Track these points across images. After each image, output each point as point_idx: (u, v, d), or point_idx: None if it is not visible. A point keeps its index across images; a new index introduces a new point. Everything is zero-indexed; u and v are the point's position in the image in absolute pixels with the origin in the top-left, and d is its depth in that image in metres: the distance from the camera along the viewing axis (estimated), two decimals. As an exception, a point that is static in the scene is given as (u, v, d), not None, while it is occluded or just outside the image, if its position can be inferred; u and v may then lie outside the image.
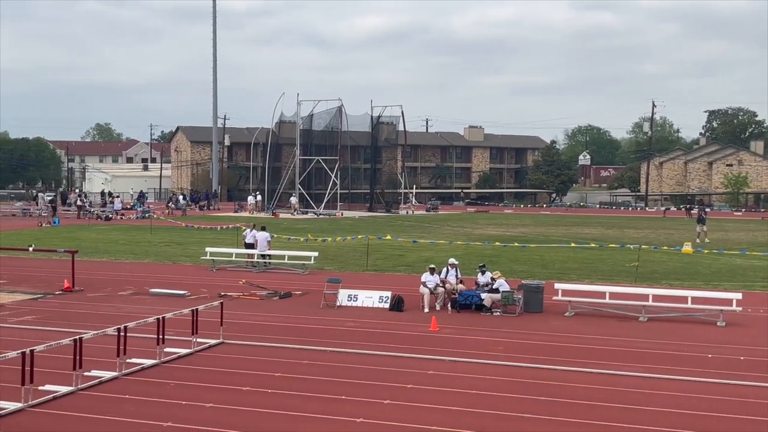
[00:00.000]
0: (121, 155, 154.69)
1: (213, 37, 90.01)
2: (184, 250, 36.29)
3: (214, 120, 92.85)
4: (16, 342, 16.48)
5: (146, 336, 16.28)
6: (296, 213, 67.18)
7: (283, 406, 12.72)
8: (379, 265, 31.28)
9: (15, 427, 11.50)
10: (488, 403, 13.11)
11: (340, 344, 17.35)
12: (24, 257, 32.38)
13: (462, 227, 54.32)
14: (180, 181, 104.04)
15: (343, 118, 72.11)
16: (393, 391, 13.70)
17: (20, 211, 63.84)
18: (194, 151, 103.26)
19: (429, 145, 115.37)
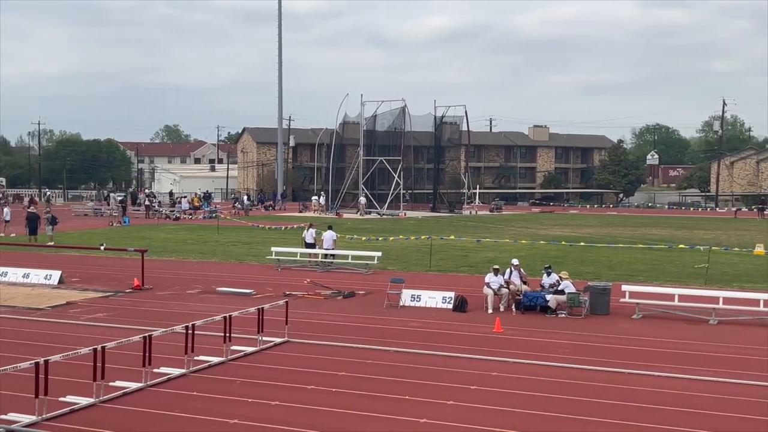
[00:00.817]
0: (189, 156, 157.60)
1: (278, 39, 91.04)
2: (250, 250, 36.78)
3: (279, 121, 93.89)
4: (88, 339, 16.95)
5: (213, 334, 16.55)
6: (360, 213, 67.45)
7: (348, 406, 12.79)
8: (443, 266, 31.21)
9: (87, 421, 11.81)
10: (554, 406, 12.96)
11: (404, 344, 17.37)
12: (96, 256, 33.25)
13: (526, 228, 53.82)
14: (246, 182, 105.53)
15: (407, 119, 72.18)
16: (456, 392, 13.66)
17: (92, 211, 65.57)
18: (260, 152, 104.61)
19: (493, 145, 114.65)
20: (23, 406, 12.10)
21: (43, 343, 16.85)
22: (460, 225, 55.47)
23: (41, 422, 11.57)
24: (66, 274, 26.40)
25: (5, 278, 26.30)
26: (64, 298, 23.00)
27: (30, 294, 23.69)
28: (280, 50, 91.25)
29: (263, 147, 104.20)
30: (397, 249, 36.86)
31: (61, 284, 25.40)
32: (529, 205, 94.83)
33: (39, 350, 15.59)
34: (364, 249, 32.91)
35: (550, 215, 72.78)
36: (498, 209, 76.84)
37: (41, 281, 25.67)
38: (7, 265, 27.70)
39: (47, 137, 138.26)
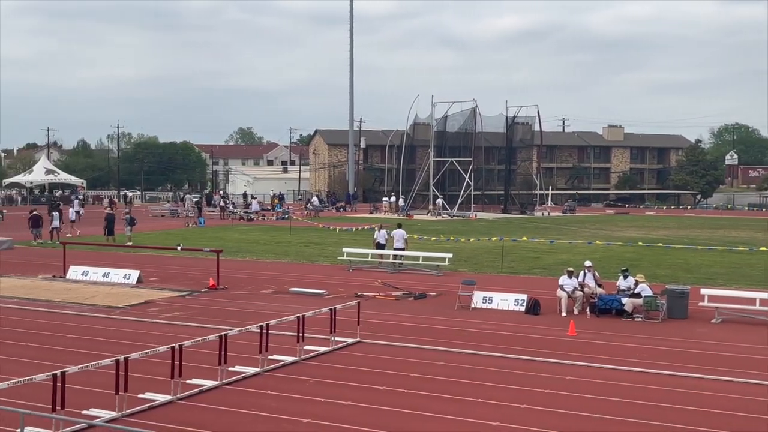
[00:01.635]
0: (262, 158, 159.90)
1: (350, 41, 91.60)
2: (322, 251, 37.09)
3: (350, 123, 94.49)
4: (166, 337, 17.33)
5: (286, 333, 16.73)
6: (430, 214, 67.35)
7: (420, 407, 12.77)
8: (515, 267, 30.92)
9: (165, 418, 12.07)
10: (630, 411, 12.70)
11: (476, 346, 17.26)
12: (172, 256, 33.99)
13: (601, 229, 52.92)
14: (317, 183, 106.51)
15: (478, 119, 71.80)
16: (530, 396, 13.50)
17: (168, 212, 67.07)
18: (331, 154, 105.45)
19: (566, 146, 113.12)
20: (104, 402, 12.44)
21: (123, 341, 17.30)
22: (532, 226, 54.88)
23: (121, 418, 11.86)
24: (144, 273, 27.05)
25: (86, 277, 27.11)
26: (142, 297, 23.58)
27: (110, 293, 24.36)
28: (351, 52, 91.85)
29: (334, 149, 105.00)
30: (468, 250, 36.68)
31: (140, 283, 26.04)
32: (603, 206, 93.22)
33: (119, 348, 16.02)
34: (435, 250, 32.85)
35: (625, 217, 71.42)
36: (571, 210, 75.78)
37: (120, 280, 26.37)
38: (88, 265, 28.54)
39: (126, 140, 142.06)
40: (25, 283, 26.21)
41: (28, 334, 18.23)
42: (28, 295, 23.78)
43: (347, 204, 79.08)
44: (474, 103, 71.69)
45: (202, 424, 11.86)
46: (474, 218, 64.90)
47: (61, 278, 27.29)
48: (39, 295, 23.81)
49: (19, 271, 29.00)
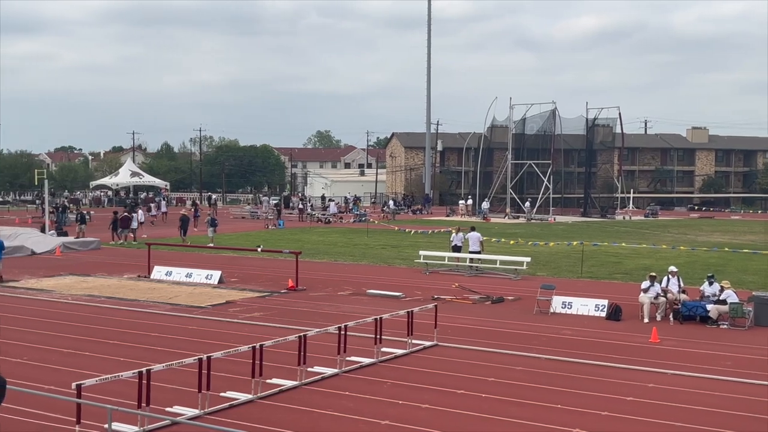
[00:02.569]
0: (339, 161, 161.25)
1: (427, 44, 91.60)
2: (399, 253, 37.17)
3: (427, 126, 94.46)
4: (247, 337, 17.64)
5: (364, 335, 16.84)
6: (507, 217, 66.77)
7: (498, 411, 12.68)
8: (595, 272, 30.39)
9: (246, 417, 12.28)
10: (716, 420, 12.35)
11: (555, 352, 17.04)
12: (253, 257, 34.57)
13: (684, 234, 51.57)
14: (394, 186, 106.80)
15: (557, 121, 70.85)
16: (611, 403, 13.25)
17: (249, 214, 68.24)
18: (408, 157, 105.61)
19: (648, 148, 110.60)
20: (187, 399, 12.74)
21: (205, 340, 17.68)
22: (613, 230, 53.84)
23: (203, 416, 12.12)
24: (225, 274, 27.59)
25: (170, 277, 27.81)
26: (223, 297, 24.05)
27: (192, 293, 24.93)
28: (429, 55, 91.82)
29: (411, 151, 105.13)
30: (546, 254, 36.23)
31: (221, 284, 26.57)
32: (686, 210, 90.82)
33: (201, 346, 16.38)
34: (513, 254, 32.54)
35: (709, 221, 69.42)
36: (653, 214, 74.04)
37: (202, 281, 26.96)
38: (172, 265, 29.28)
39: (207, 143, 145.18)
40: (111, 283, 27.05)
41: (115, 332, 18.81)
42: (115, 294, 24.54)
43: (423, 207, 79.04)
44: (553, 104, 70.87)
45: (282, 423, 12.02)
46: (552, 222, 64.07)
47: (145, 278, 28.07)
48: (125, 294, 24.54)
49: (105, 271, 29.95)
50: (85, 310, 21.90)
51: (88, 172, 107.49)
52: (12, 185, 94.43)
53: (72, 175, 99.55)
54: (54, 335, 18.34)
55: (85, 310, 21.90)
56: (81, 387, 10.69)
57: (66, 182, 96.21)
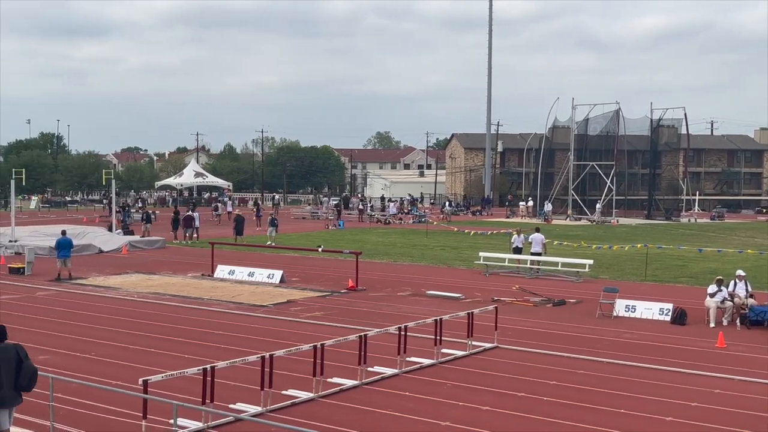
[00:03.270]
0: (399, 162, 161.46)
1: (488, 44, 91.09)
2: (458, 254, 37.05)
3: (487, 126, 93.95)
4: (308, 336, 17.80)
5: (424, 336, 16.84)
6: (569, 219, 65.97)
7: (559, 415, 12.56)
8: (659, 276, 29.83)
9: (307, 415, 12.40)
10: (785, 429, 12.01)
11: (617, 356, 16.79)
12: (313, 257, 34.86)
13: (752, 237, 50.26)
14: (453, 187, 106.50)
15: (620, 122, 69.72)
16: (675, 409, 13.00)
17: (309, 214, 68.82)
18: (468, 158, 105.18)
19: (714, 149, 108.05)
20: (250, 396, 12.93)
21: (267, 338, 17.91)
22: (678, 233, 52.77)
23: (266, 413, 12.27)
24: (286, 273, 27.87)
25: (232, 276, 28.22)
26: (285, 296, 24.31)
27: (254, 291, 25.26)
28: (489, 55, 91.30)
29: (471, 152, 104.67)
30: (609, 257, 35.70)
31: (283, 283, 26.86)
32: (754, 213, 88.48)
33: (263, 345, 16.59)
34: (575, 256, 32.15)
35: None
36: (720, 217, 72.32)
37: (264, 280, 27.29)
38: (234, 264, 29.70)
39: (269, 144, 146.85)
40: (176, 281, 27.57)
41: (179, 329, 19.18)
42: (179, 292, 25.01)
43: (483, 208, 78.62)
44: (617, 105, 69.76)
45: (343, 422, 12.11)
46: (615, 224, 63.08)
47: (209, 277, 28.54)
48: (189, 292, 24.99)
49: (170, 269, 30.54)
50: (150, 307, 22.37)
51: (153, 173, 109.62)
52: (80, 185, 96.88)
53: (138, 175, 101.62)
54: (120, 332, 18.78)
55: (150, 307, 22.37)
56: (147, 383, 10.92)
57: (132, 182, 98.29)
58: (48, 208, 76.60)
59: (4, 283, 26.74)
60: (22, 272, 28.72)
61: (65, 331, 18.88)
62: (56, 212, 70.84)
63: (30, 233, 39.85)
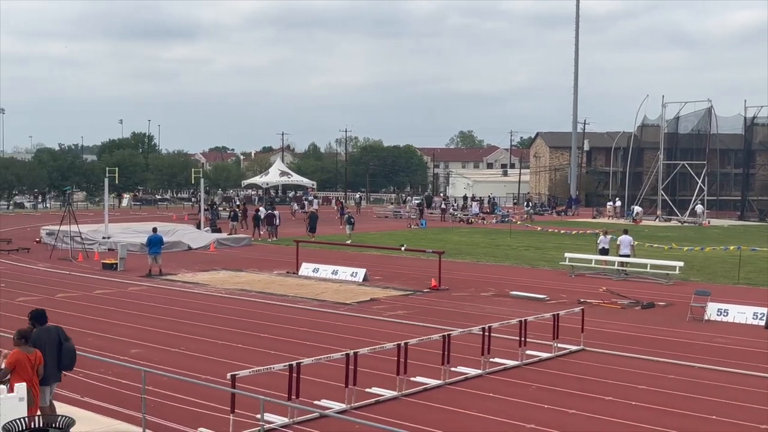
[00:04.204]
0: (481, 161, 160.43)
1: (575, 41, 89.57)
2: (543, 255, 36.57)
3: (573, 125, 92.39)
4: (391, 334, 17.84)
5: (507, 337, 16.67)
6: (658, 219, 64.33)
7: (648, 420, 12.25)
8: (753, 279, 28.79)
9: (391, 413, 12.41)
10: None
11: (709, 360, 16.27)
12: (396, 256, 34.91)
13: None
14: (538, 187, 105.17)
15: (713, 120, 67.60)
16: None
17: (392, 214, 69.02)
18: (553, 157, 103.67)
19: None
20: (334, 393, 13.03)
21: (350, 336, 18.03)
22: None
23: (350, 410, 12.35)
24: (369, 272, 28.01)
25: (316, 274, 28.53)
26: (368, 294, 24.44)
27: (338, 289, 25.47)
28: (576, 53, 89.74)
29: (556, 151, 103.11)
30: (700, 259, 34.64)
31: (366, 282, 27.00)
32: None
33: (347, 342, 16.70)
34: (665, 258, 31.33)
35: None
36: (818, 218, 69.34)
37: (348, 278, 27.50)
38: (318, 263, 30.00)
39: (352, 144, 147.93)
40: (262, 278, 28.04)
41: (265, 326, 19.49)
42: (265, 289, 25.41)
43: (568, 208, 77.36)
44: (708, 103, 67.63)
45: (427, 421, 12.08)
46: (707, 225, 61.20)
47: (293, 274, 28.92)
48: (274, 289, 25.37)
49: (256, 267, 31.07)
50: (237, 303, 22.81)
51: (239, 172, 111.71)
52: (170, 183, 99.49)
53: (225, 174, 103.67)
54: (208, 327, 19.20)
55: (237, 303, 22.81)
56: (235, 377, 11.12)
57: (219, 181, 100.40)
58: (139, 206, 78.96)
59: (98, 279, 27.70)
60: (114, 268, 29.68)
61: (155, 325, 19.41)
62: (147, 210, 72.99)
63: (122, 230, 41.13)
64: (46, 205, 76.02)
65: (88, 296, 23.82)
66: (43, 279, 27.46)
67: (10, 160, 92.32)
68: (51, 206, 73.18)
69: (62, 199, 68.94)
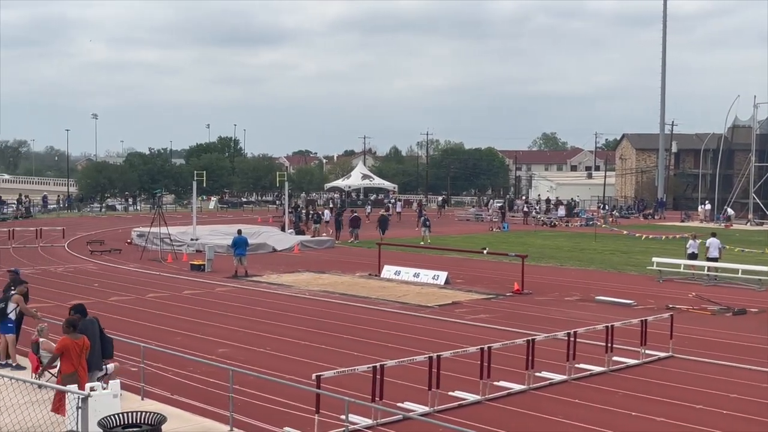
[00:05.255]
0: (565, 163, 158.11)
1: (663, 41, 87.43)
2: (629, 259, 35.81)
3: (661, 126, 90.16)
4: (473, 338, 17.76)
5: (593, 342, 16.37)
6: (750, 224, 62.19)
7: (740, 430, 11.85)
8: None
9: (474, 417, 12.34)
10: None
11: (807, 370, 15.65)
12: (477, 259, 34.72)
13: None
14: (624, 189, 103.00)
15: (808, 120, 65.06)
16: None
17: (473, 216, 68.66)
18: (639, 159, 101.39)
19: None
20: (416, 396, 13.04)
21: (432, 339, 18.01)
22: None
23: (433, 413, 12.34)
24: (451, 275, 27.93)
25: (398, 276, 28.60)
26: (450, 297, 24.37)
27: (420, 292, 25.48)
28: (664, 53, 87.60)
29: (643, 153, 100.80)
30: (795, 264, 33.31)
31: (447, 285, 26.93)
32: None
33: (429, 345, 16.68)
34: (756, 263, 30.26)
35: None
36: None
37: (429, 281, 27.48)
38: (399, 265, 30.07)
39: (434, 146, 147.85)
40: (344, 280, 28.28)
41: (348, 327, 19.65)
42: (348, 291, 25.62)
43: (656, 211, 75.53)
44: (803, 102, 65.12)
45: (511, 426, 11.98)
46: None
47: (376, 276, 29.07)
48: (357, 291, 25.56)
49: (339, 269, 31.35)
50: (320, 305, 23.06)
51: (322, 175, 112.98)
52: (255, 186, 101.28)
53: (308, 177, 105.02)
54: (292, 328, 19.48)
55: (320, 305, 23.06)
56: (320, 378, 11.25)
57: (303, 184, 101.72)
58: (225, 209, 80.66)
59: (187, 279, 28.42)
60: (202, 269, 30.40)
61: (241, 325, 19.80)
62: (233, 212, 74.49)
63: (209, 232, 42.09)
64: (136, 207, 78.40)
65: (177, 296, 24.47)
66: (134, 279, 28.34)
67: (102, 164, 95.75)
68: (141, 208, 75.43)
69: (152, 201, 71.03)
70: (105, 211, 72.51)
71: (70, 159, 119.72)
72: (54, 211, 69.93)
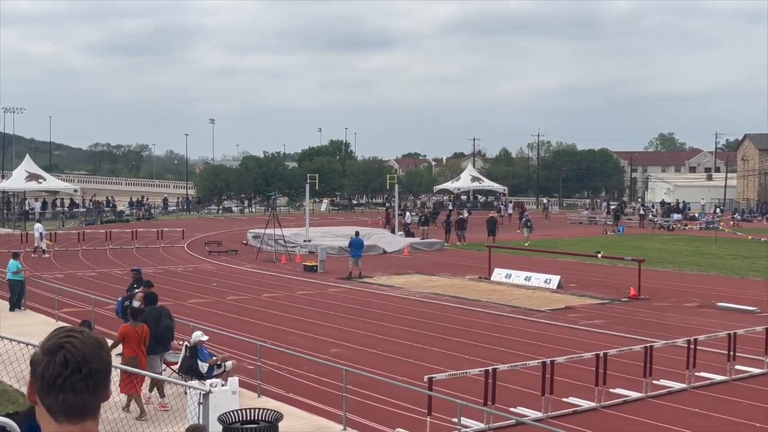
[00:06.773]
0: (683, 165, 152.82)
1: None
2: (752, 264, 34.31)
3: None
4: (587, 343, 17.40)
5: (714, 350, 15.79)
6: None
7: None
8: None
9: (589, 424, 12.11)
10: None
11: None
12: (591, 263, 33.94)
13: None
14: (746, 192, 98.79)
15: None
16: None
17: (586, 219, 67.24)
18: (763, 160, 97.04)
19: None
20: (529, 401, 12.89)
21: (544, 344, 17.75)
22: None
23: (546, 419, 12.16)
24: (563, 279, 27.45)
25: (509, 279, 28.32)
26: (562, 302, 23.98)
27: (531, 296, 25.17)
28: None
29: (766, 154, 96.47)
30: None
31: (560, 289, 26.50)
32: None
33: (541, 350, 16.48)
34: None
35: None
36: None
37: (541, 285, 27.10)
38: (510, 268, 29.75)
39: (545, 148, 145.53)
40: (454, 282, 28.24)
41: (458, 330, 19.61)
42: (458, 293, 25.58)
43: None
44: None
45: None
46: None
47: (486, 279, 28.88)
48: (467, 294, 25.48)
49: (449, 271, 31.32)
50: (430, 307, 23.10)
51: (431, 177, 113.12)
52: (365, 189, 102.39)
53: (417, 179, 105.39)
54: (403, 329, 19.59)
55: (430, 307, 23.10)
56: (432, 380, 11.28)
57: (412, 186, 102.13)
58: (336, 211, 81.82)
59: (300, 280, 29.01)
60: (315, 270, 30.95)
61: (353, 326, 20.05)
62: (344, 214, 75.51)
63: (322, 234, 42.81)
64: (251, 209, 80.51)
65: (291, 296, 25.01)
66: (250, 279, 29.13)
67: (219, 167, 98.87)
68: (256, 210, 77.38)
69: (267, 203, 72.82)
70: (222, 213, 74.77)
71: (188, 162, 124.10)
72: (173, 212, 72.68)
